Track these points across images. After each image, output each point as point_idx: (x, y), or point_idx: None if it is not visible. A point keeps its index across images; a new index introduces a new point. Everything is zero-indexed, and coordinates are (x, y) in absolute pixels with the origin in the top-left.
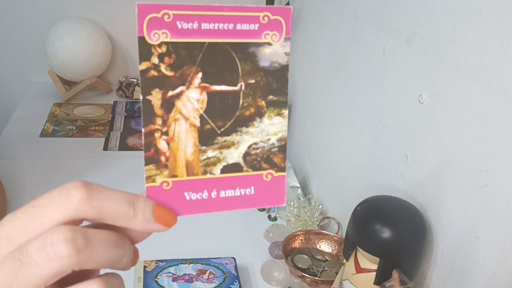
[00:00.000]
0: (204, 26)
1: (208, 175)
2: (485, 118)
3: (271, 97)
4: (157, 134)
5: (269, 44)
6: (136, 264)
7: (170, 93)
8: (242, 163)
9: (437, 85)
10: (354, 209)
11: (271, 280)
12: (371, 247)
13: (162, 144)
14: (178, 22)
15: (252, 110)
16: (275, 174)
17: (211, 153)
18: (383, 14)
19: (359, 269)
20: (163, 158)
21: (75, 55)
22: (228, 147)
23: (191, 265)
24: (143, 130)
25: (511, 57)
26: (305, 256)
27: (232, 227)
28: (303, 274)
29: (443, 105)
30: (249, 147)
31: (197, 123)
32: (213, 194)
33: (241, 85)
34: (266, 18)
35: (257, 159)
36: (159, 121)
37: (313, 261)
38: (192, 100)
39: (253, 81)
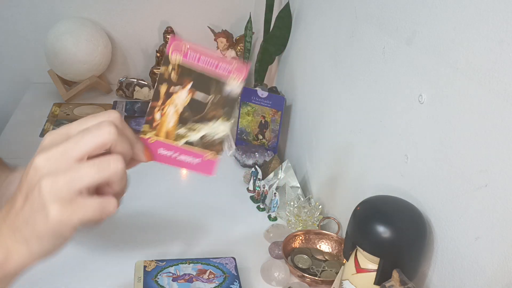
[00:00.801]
0: (202, 59)
1: (175, 143)
2: (485, 118)
3: (226, 109)
4: (156, 109)
5: (233, 80)
6: (136, 264)
7: (172, 89)
8: (197, 143)
9: (437, 85)
10: (354, 209)
11: (271, 280)
12: (371, 247)
13: (157, 116)
14: (189, 52)
15: (213, 113)
16: (214, 156)
17: (182, 130)
18: (383, 14)
19: (359, 269)
20: (155, 124)
21: (75, 55)
22: (193, 130)
23: (191, 265)
24: (150, 104)
25: (511, 57)
26: (305, 256)
27: (232, 227)
28: (303, 274)
29: (443, 105)
30: (204, 134)
31: (180, 110)
32: (174, 155)
33: (211, 98)
34: (235, 66)
35: (207, 144)
36: (160, 102)
37: (313, 261)
38: (182, 96)
39: (218, 97)
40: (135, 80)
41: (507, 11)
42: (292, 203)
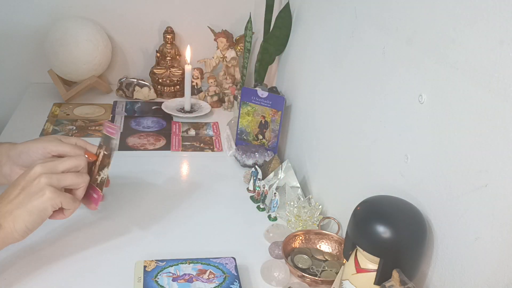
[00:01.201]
0: (111, 129)
1: (94, 184)
2: (485, 118)
3: (109, 159)
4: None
5: (115, 139)
6: (136, 264)
7: (99, 151)
8: (99, 183)
9: (437, 85)
10: (354, 209)
11: (271, 280)
12: (371, 247)
13: (92, 169)
14: (108, 128)
15: (106, 163)
16: (102, 193)
17: (97, 176)
18: (383, 14)
19: (359, 269)
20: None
21: (75, 55)
22: (99, 176)
23: (191, 265)
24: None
25: (511, 57)
26: (305, 256)
27: (232, 227)
28: (303, 274)
29: (443, 105)
30: (102, 177)
31: (98, 163)
32: (92, 194)
33: (108, 154)
34: (111, 126)
35: (101, 184)
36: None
37: (313, 261)
38: (101, 155)
39: (108, 153)
40: (135, 80)
41: (507, 11)
42: (292, 203)
